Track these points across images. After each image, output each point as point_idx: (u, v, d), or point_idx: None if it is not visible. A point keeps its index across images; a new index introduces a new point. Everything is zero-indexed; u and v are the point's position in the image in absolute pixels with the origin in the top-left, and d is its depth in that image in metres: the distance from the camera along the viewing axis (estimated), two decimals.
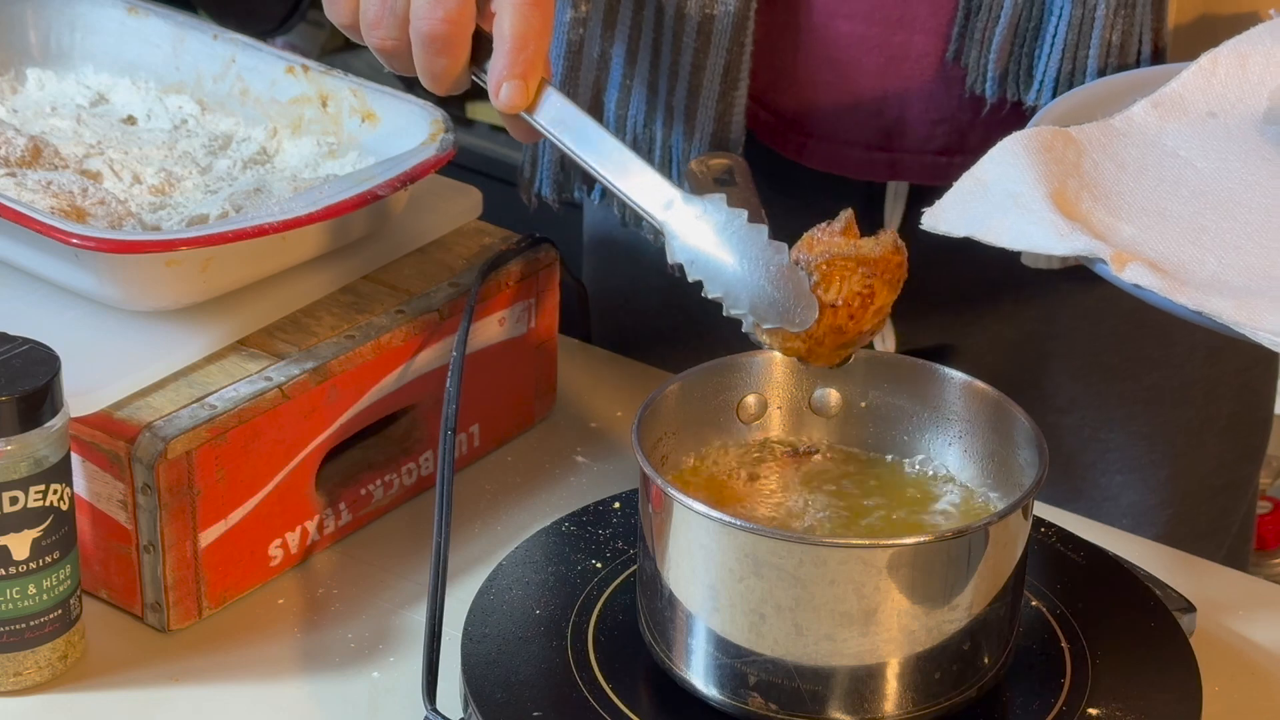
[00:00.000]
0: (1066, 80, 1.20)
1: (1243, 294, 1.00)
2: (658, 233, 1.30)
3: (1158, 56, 1.21)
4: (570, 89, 1.27)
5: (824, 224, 1.03)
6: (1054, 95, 1.20)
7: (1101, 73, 1.19)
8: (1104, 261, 1.01)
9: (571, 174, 1.32)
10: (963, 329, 1.36)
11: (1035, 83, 1.20)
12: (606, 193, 1.31)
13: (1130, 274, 1.00)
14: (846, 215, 1.04)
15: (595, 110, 1.28)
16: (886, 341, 1.34)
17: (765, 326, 1.02)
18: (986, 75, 1.21)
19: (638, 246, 1.37)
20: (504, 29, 1.06)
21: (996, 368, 1.36)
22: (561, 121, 1.07)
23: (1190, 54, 1.20)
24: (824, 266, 1.01)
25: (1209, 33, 1.23)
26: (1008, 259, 1.28)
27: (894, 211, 1.31)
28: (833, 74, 1.26)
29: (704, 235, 1.03)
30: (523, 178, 1.34)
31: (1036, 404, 1.36)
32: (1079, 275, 1.26)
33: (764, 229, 1.02)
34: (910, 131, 1.26)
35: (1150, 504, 1.37)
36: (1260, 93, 1.15)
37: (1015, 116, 1.22)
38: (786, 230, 1.17)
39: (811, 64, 1.26)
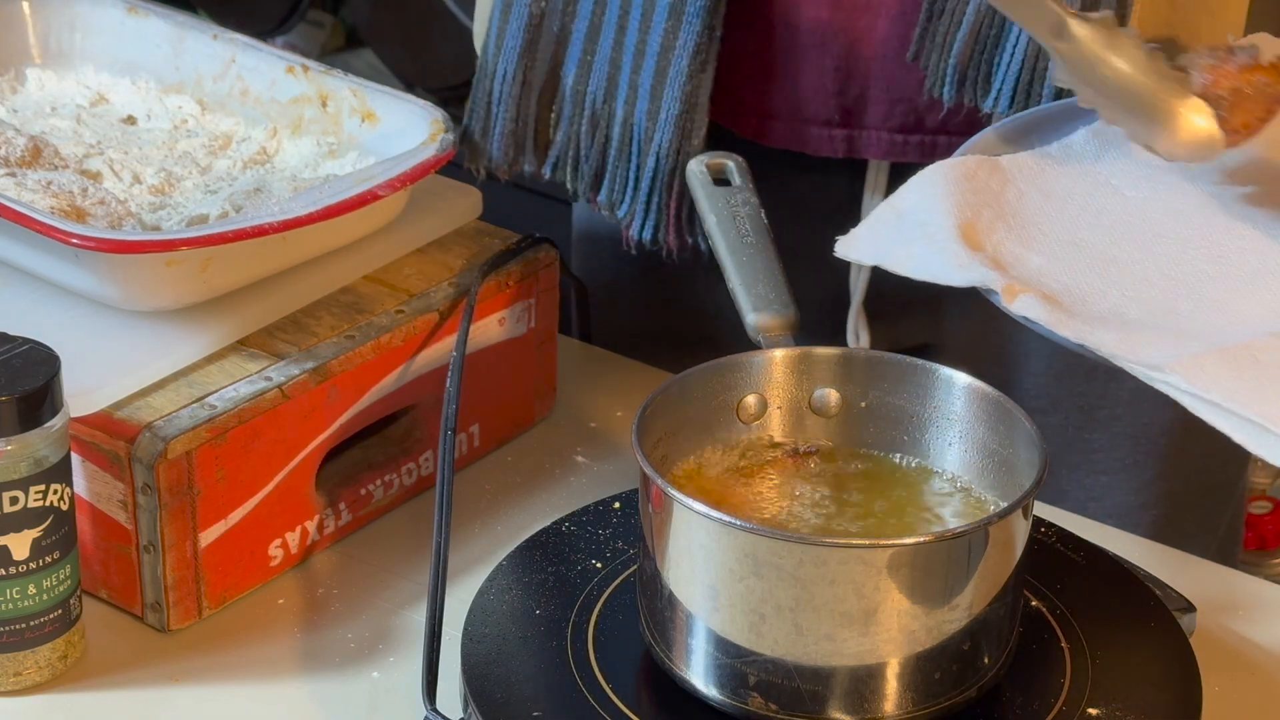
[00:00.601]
0: (1024, 90, 1.19)
1: (1133, 327, 1.00)
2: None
3: None
4: (528, 61, 1.27)
5: (1222, 49, 1.06)
6: (1011, 103, 1.19)
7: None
8: (996, 293, 1.01)
9: (525, 144, 1.31)
10: (944, 329, 1.36)
11: (993, 90, 1.20)
12: (556, 166, 1.30)
13: (1019, 305, 1.00)
14: (1250, 49, 1.06)
15: (552, 84, 1.28)
16: (861, 341, 1.34)
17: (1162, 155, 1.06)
18: (945, 80, 1.21)
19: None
20: None
21: (978, 367, 1.35)
22: None
23: None
24: (1232, 99, 1.04)
25: (1170, 54, 1.23)
26: None
27: (876, 187, 1.31)
28: (794, 56, 1.26)
29: (1094, 65, 1.07)
30: (470, 142, 1.31)
31: (1019, 403, 1.36)
32: None
33: (1159, 52, 1.05)
34: (869, 111, 1.27)
35: (1135, 504, 1.37)
36: None
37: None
38: (776, 223, 1.17)
39: (773, 46, 1.26)
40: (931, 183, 1.08)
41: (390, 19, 2.81)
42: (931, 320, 1.36)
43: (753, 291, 1.11)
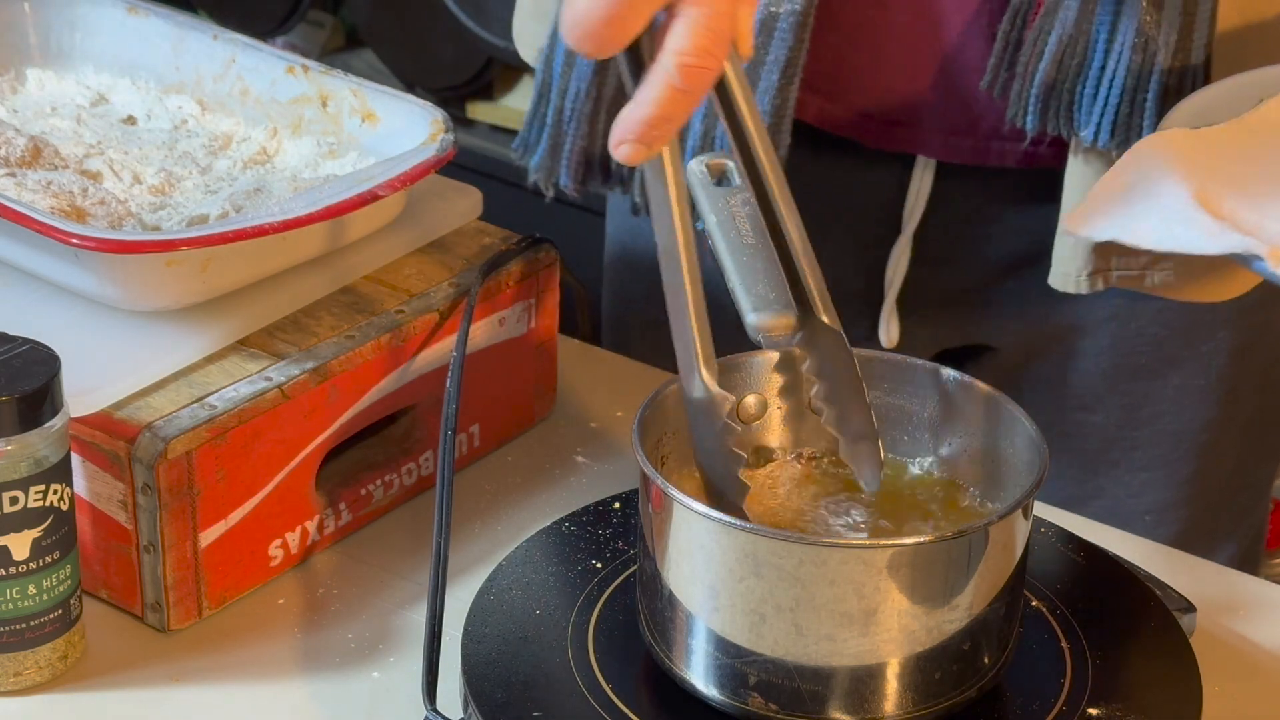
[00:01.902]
0: (1124, 121, 1.19)
1: None
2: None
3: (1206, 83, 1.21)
4: (601, 78, 1.24)
5: None
6: (1111, 135, 1.19)
7: (1159, 112, 1.19)
8: (1260, 258, 0.99)
9: (594, 162, 1.30)
10: (992, 329, 1.36)
11: (1092, 123, 1.20)
12: (627, 182, 1.30)
13: None
14: None
15: (620, 100, 1.26)
16: (891, 338, 1.34)
17: None
18: (1028, 110, 1.21)
19: None
20: (648, 99, 0.95)
21: (1025, 366, 1.36)
22: (654, 202, 0.99)
23: (1227, 66, 1.20)
24: None
25: (1238, 44, 1.22)
26: (1037, 259, 1.28)
27: (914, 206, 1.31)
28: (861, 59, 1.26)
29: (696, 424, 1.00)
30: (540, 165, 1.29)
31: (1064, 401, 1.36)
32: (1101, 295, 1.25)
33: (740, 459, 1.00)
34: (931, 109, 1.27)
35: (1171, 501, 1.37)
36: None
37: None
38: (815, 196, 1.16)
39: (841, 49, 1.26)
40: (1148, 157, 1.07)
41: (390, 19, 2.81)
42: (978, 322, 1.36)
43: (753, 291, 1.10)
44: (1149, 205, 1.04)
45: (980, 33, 1.23)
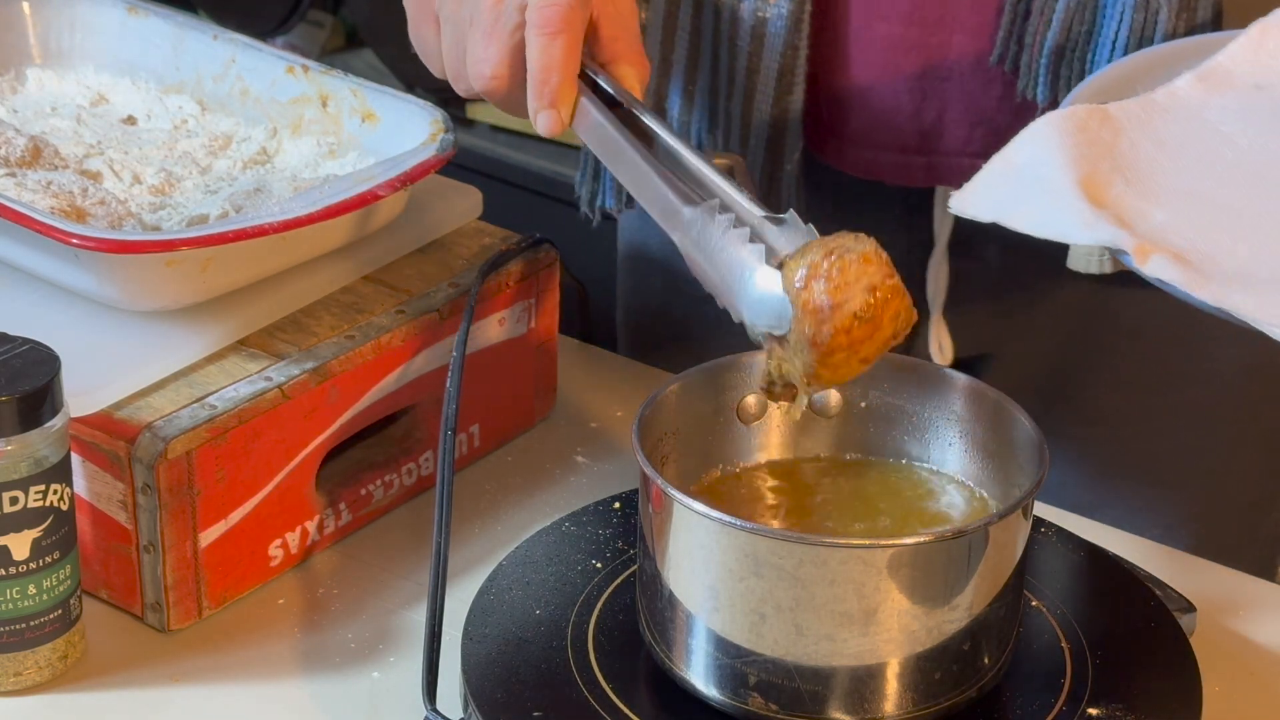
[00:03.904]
0: None
1: (1268, 287, 0.97)
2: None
3: None
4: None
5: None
6: None
7: None
8: (1126, 253, 0.98)
9: None
10: (1002, 340, 1.35)
11: None
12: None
13: (1152, 267, 0.97)
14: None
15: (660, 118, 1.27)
16: (945, 353, 1.33)
17: (765, 333, 0.97)
18: (1038, 80, 1.20)
19: (674, 260, 1.37)
20: (530, 65, 1.05)
21: (1034, 378, 1.35)
22: (591, 138, 1.06)
23: (1240, 22, 1.17)
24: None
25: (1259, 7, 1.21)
26: (1050, 269, 1.27)
27: (943, 220, 1.30)
28: (870, 77, 1.25)
29: (702, 245, 1.00)
30: (582, 191, 1.32)
31: (1070, 415, 1.35)
32: (1121, 281, 1.24)
33: (745, 231, 0.97)
34: (947, 134, 1.26)
35: (1182, 517, 1.36)
36: None
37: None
38: (835, 221, 1.15)
39: (849, 67, 1.25)
40: (1045, 135, 1.05)
41: (390, 19, 2.80)
42: (988, 334, 1.35)
43: None
44: (1033, 188, 1.02)
45: (991, 33, 1.22)
